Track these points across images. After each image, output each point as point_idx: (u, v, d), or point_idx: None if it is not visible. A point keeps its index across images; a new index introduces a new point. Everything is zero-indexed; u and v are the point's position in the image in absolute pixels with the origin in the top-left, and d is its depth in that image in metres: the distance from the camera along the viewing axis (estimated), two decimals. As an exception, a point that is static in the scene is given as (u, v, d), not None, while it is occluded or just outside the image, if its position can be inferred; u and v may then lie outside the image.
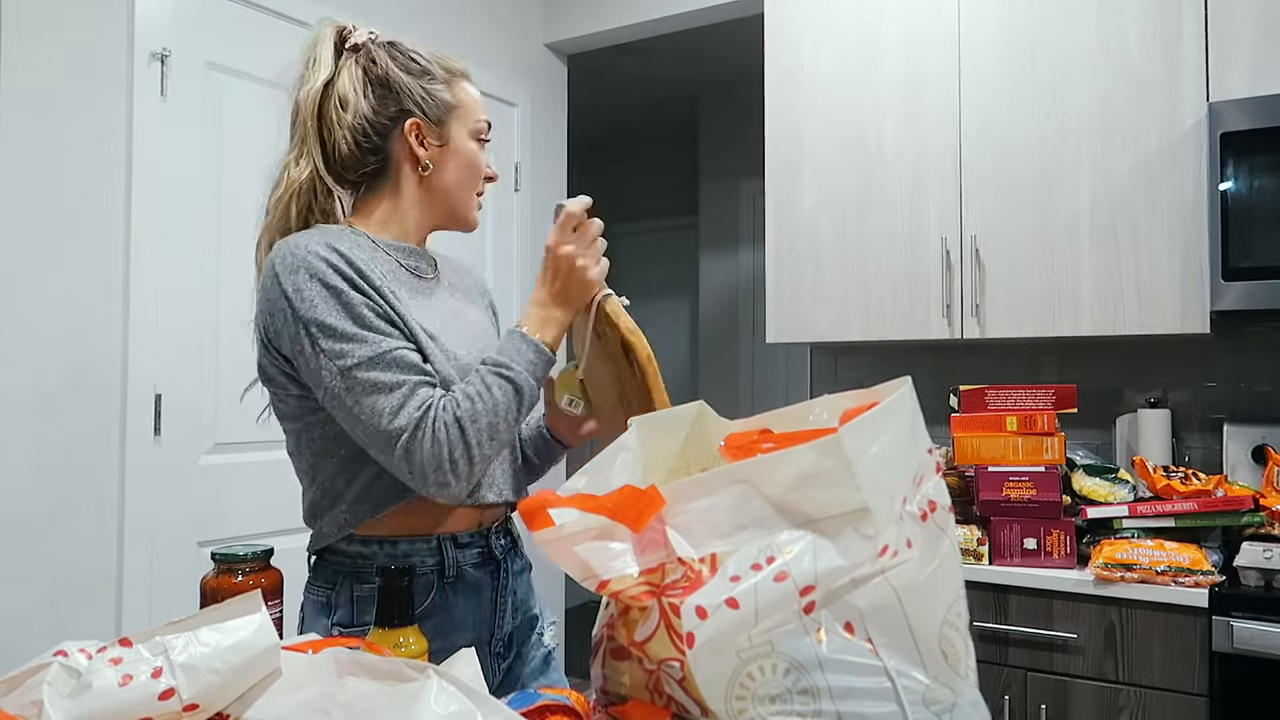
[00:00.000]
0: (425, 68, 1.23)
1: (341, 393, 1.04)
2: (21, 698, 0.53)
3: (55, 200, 1.88)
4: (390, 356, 1.05)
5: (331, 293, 1.05)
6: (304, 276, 1.05)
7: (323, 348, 1.04)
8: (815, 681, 0.50)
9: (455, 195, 1.22)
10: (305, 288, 1.05)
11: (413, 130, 1.19)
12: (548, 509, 0.52)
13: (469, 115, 1.23)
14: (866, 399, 0.59)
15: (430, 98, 1.21)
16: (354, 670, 0.54)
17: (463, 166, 1.22)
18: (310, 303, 1.05)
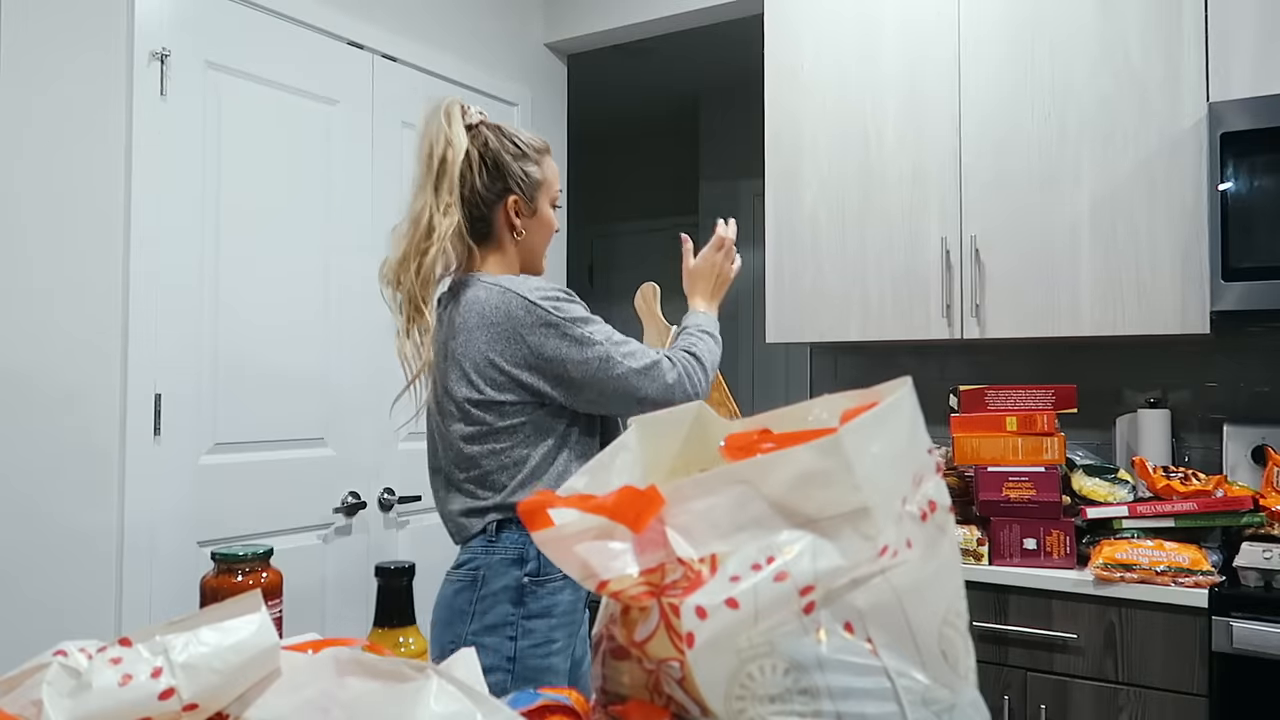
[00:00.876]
0: (524, 150, 1.52)
1: (614, 354, 1.42)
2: (21, 697, 0.53)
3: (55, 200, 1.88)
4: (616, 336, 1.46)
5: (575, 305, 1.44)
6: (551, 301, 1.42)
7: (589, 333, 1.41)
8: (815, 681, 0.50)
9: (537, 252, 1.56)
10: (556, 308, 1.41)
11: (513, 205, 1.51)
12: (547, 509, 0.52)
13: (551, 188, 1.56)
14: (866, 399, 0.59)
15: (527, 177, 1.52)
16: (354, 670, 0.54)
17: (544, 231, 1.56)
18: (569, 313, 1.42)
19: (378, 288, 1.49)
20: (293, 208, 2.32)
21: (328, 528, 2.38)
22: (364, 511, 2.47)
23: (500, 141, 1.50)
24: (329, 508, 2.38)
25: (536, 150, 1.54)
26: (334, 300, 2.41)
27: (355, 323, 2.46)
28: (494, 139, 1.50)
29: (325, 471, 2.38)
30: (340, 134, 2.44)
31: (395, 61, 2.61)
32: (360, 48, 2.51)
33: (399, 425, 2.42)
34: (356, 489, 2.45)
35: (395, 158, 2.60)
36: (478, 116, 1.51)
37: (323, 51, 2.41)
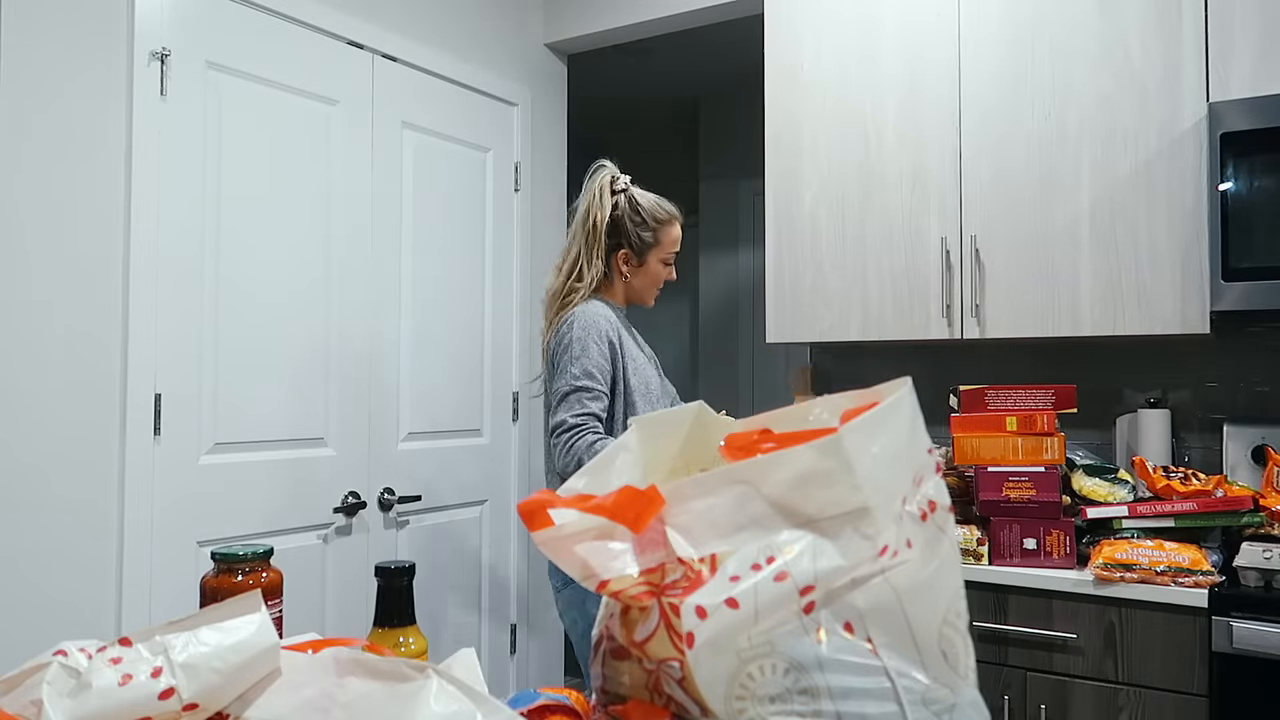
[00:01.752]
0: (644, 219, 2.03)
1: (568, 393, 1.91)
2: (21, 697, 0.53)
3: (55, 200, 1.88)
4: (595, 394, 1.91)
5: (595, 347, 1.93)
6: (592, 336, 1.93)
7: (571, 370, 1.91)
8: (815, 681, 0.50)
9: (641, 293, 2.10)
10: (585, 339, 1.93)
11: (622, 257, 2.05)
12: (547, 509, 0.52)
13: (662, 250, 2.06)
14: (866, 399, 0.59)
15: (639, 239, 2.03)
16: (354, 670, 0.54)
17: (648, 279, 2.08)
18: (571, 348, 1.92)
19: (377, 289, 1.78)
20: (293, 207, 2.32)
21: (328, 528, 2.38)
22: (364, 511, 2.47)
23: (628, 207, 2.02)
24: (329, 508, 2.38)
25: (657, 220, 2.04)
26: (334, 300, 2.41)
27: (356, 323, 2.46)
28: (625, 204, 2.02)
29: (325, 471, 2.38)
30: (340, 134, 2.44)
31: (395, 61, 2.61)
32: (360, 48, 2.51)
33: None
34: (356, 489, 2.45)
35: (395, 157, 2.60)
36: (623, 184, 2.04)
37: (323, 51, 2.41)
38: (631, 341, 2.03)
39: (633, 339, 2.05)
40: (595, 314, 1.94)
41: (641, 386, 1.98)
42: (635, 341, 2.05)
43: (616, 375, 1.95)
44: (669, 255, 2.06)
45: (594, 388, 1.89)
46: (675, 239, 2.06)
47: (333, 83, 2.43)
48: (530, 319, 3.06)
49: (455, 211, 2.79)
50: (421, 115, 2.68)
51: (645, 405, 1.98)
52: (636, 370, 1.98)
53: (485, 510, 2.87)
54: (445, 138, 2.77)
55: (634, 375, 1.97)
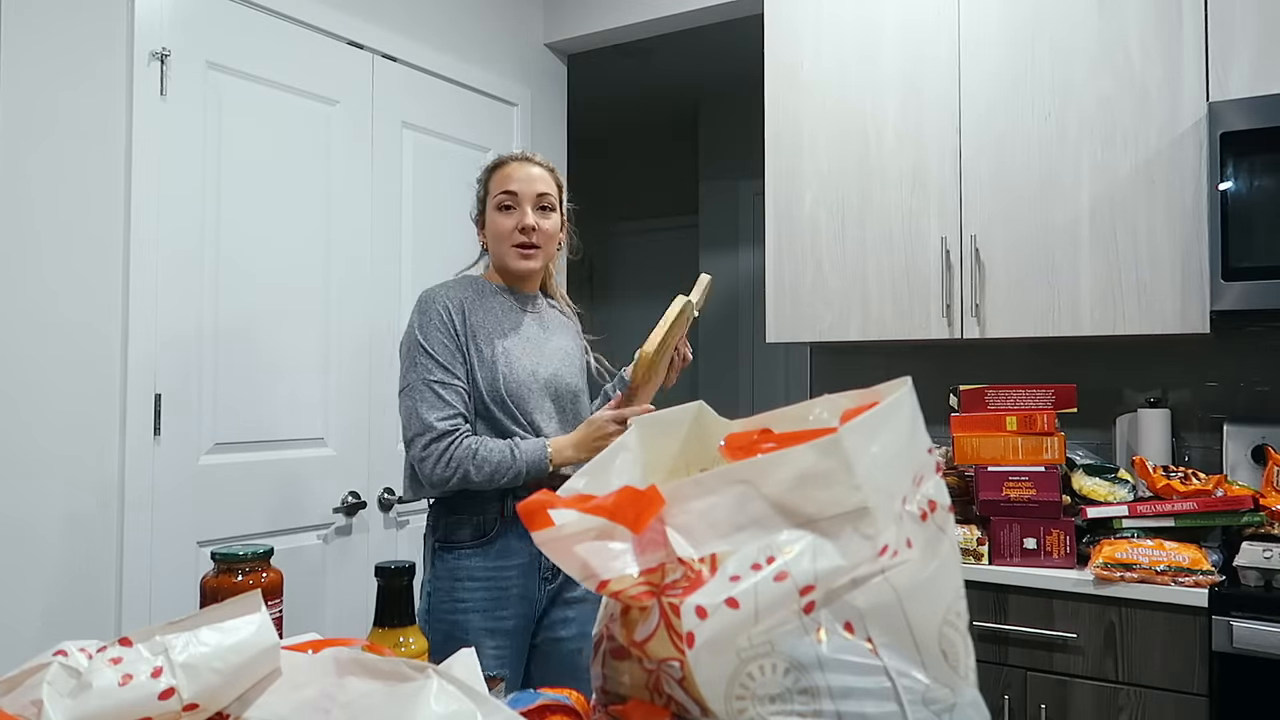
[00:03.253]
0: (478, 179, 1.82)
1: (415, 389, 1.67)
2: (21, 697, 0.53)
3: (55, 200, 1.88)
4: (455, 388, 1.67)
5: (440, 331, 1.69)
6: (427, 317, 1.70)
7: (420, 361, 1.68)
8: (815, 681, 0.50)
9: (494, 254, 1.80)
10: (424, 323, 1.69)
11: (477, 226, 1.84)
12: (547, 509, 0.52)
13: (492, 198, 1.77)
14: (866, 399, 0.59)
15: (477, 201, 1.83)
16: (354, 670, 0.54)
17: (492, 238, 1.78)
18: (425, 331, 1.68)
19: (377, 289, 1.80)
20: (293, 207, 2.32)
21: (328, 528, 2.38)
22: (364, 511, 2.47)
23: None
24: (329, 508, 2.38)
25: (485, 170, 1.81)
26: (334, 301, 2.41)
27: (355, 323, 2.46)
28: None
29: (325, 471, 2.38)
30: (340, 134, 2.44)
31: (395, 61, 2.61)
32: (360, 48, 2.51)
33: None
34: (356, 489, 2.45)
35: (395, 157, 2.60)
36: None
37: (323, 51, 2.41)
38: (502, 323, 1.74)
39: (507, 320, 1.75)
40: (432, 293, 1.72)
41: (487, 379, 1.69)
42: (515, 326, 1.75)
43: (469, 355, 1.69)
44: (500, 200, 1.75)
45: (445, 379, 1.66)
46: (506, 178, 1.76)
47: (333, 83, 2.43)
48: (530, 319, 3.05)
49: (455, 211, 2.79)
50: (421, 115, 2.67)
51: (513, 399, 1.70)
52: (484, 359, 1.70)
53: (485, 510, 2.87)
54: (445, 138, 2.77)
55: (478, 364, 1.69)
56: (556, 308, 1.91)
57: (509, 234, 1.74)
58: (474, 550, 1.68)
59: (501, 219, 1.75)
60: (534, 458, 1.65)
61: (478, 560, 1.67)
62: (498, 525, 1.68)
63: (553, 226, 1.78)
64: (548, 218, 1.77)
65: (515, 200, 1.74)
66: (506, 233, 1.74)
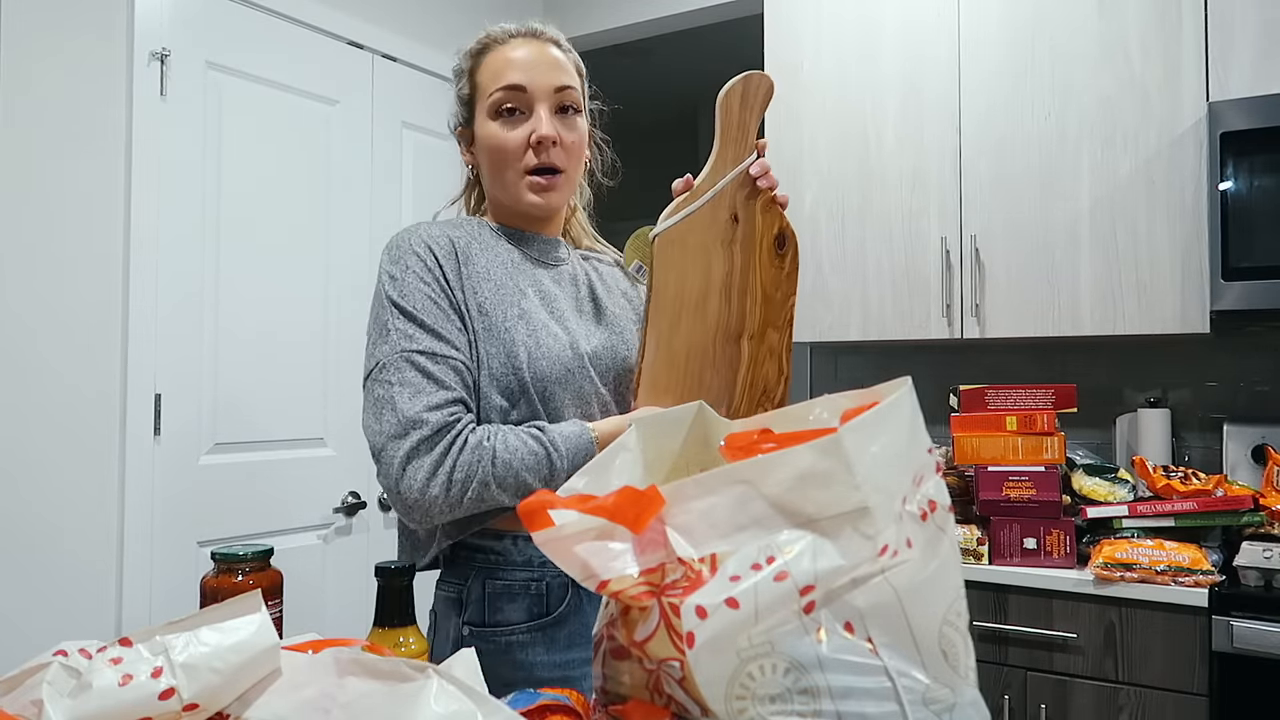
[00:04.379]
0: (455, 70, 1.21)
1: (390, 367, 1.04)
2: (21, 697, 0.53)
3: (55, 199, 1.88)
4: (451, 361, 1.05)
5: (424, 282, 1.07)
6: (402, 265, 1.09)
7: (396, 326, 1.05)
8: (815, 681, 0.50)
9: (495, 184, 1.18)
10: (399, 274, 1.08)
11: (459, 139, 1.24)
12: (547, 510, 0.52)
13: (484, 95, 1.15)
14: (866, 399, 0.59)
15: (458, 103, 1.21)
16: (354, 670, 0.54)
17: (487, 155, 1.16)
18: (400, 286, 1.07)
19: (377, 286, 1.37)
20: (293, 207, 2.32)
21: (328, 528, 2.38)
22: (364, 511, 2.47)
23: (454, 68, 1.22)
24: (329, 508, 2.38)
25: (468, 56, 1.18)
26: (334, 300, 2.41)
27: (355, 322, 2.46)
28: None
29: (325, 471, 2.38)
30: (340, 134, 2.44)
31: (395, 61, 2.61)
32: (360, 48, 2.51)
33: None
34: (356, 489, 2.45)
35: (395, 157, 2.60)
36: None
37: (323, 51, 2.41)
38: (514, 274, 1.13)
39: (521, 271, 1.14)
40: (409, 232, 1.12)
41: (501, 351, 1.07)
42: (532, 279, 1.14)
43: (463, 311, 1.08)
44: (498, 99, 1.13)
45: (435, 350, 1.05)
46: (506, 64, 1.14)
47: (333, 83, 2.43)
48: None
49: (455, 211, 2.79)
50: (421, 115, 2.67)
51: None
52: (499, 330, 1.08)
53: (485, 510, 2.87)
54: (445, 138, 2.76)
55: (493, 337, 1.08)
56: (593, 257, 1.28)
57: (517, 152, 1.14)
58: (530, 635, 1.06)
59: (502, 130, 1.14)
60: (576, 448, 1.04)
61: (539, 653, 1.06)
62: (568, 595, 1.07)
63: (579, 138, 1.18)
64: (572, 126, 1.16)
65: (523, 99, 1.13)
66: (513, 150, 1.14)
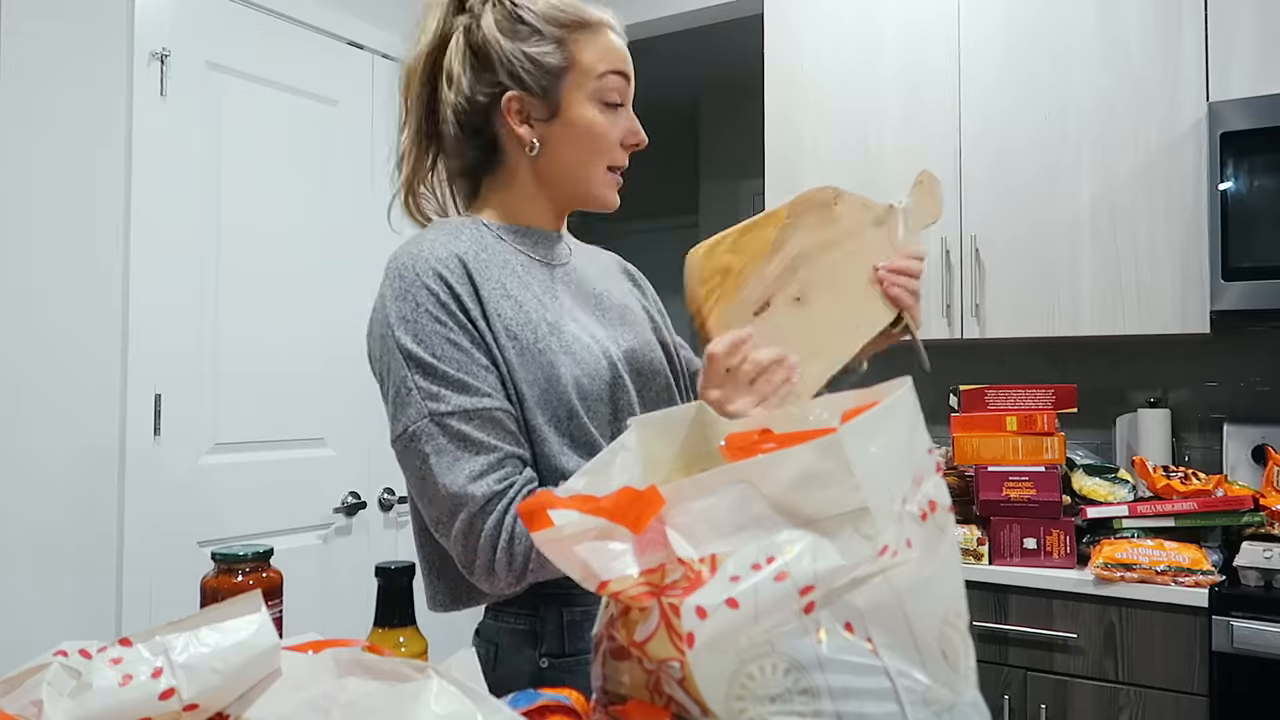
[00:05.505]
0: (530, 25, 0.99)
1: (422, 437, 0.91)
2: (21, 698, 0.53)
3: (55, 200, 1.87)
4: (488, 414, 0.91)
5: (439, 322, 0.92)
6: (412, 302, 0.92)
7: (418, 384, 0.91)
8: (815, 681, 0.50)
9: (575, 174, 1.04)
10: (410, 314, 0.92)
11: (512, 107, 1.01)
12: (547, 510, 0.52)
13: (588, 75, 1.01)
14: (866, 399, 0.59)
15: (533, 64, 0.99)
16: (354, 670, 0.54)
17: (580, 141, 1.02)
18: (414, 330, 0.92)
19: (376, 288, 1.13)
20: (292, 207, 2.32)
21: (328, 528, 2.38)
22: (364, 511, 2.47)
23: (496, 16, 1.00)
24: (329, 508, 2.38)
25: (558, 23, 1.00)
26: (334, 300, 2.41)
27: (355, 323, 2.46)
28: (489, 16, 1.00)
29: (325, 471, 2.38)
30: (340, 134, 2.44)
31: (395, 61, 2.61)
32: (360, 48, 2.51)
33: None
34: (356, 489, 2.45)
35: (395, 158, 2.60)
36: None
37: (323, 51, 2.41)
38: (528, 284, 1.01)
39: (534, 280, 1.02)
40: (414, 255, 0.96)
41: (541, 379, 0.95)
42: (546, 286, 1.03)
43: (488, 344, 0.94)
44: (605, 87, 1.02)
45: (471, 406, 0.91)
46: (609, 57, 1.02)
47: (333, 83, 2.43)
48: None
49: (455, 211, 2.79)
50: (421, 115, 2.67)
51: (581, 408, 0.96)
52: (533, 353, 0.95)
53: (485, 510, 2.87)
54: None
55: (530, 360, 0.95)
56: (582, 246, 1.19)
57: (614, 146, 1.04)
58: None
59: (603, 118, 1.02)
60: None
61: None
62: None
63: None
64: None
65: (625, 93, 1.05)
66: (612, 143, 1.04)
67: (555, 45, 1.00)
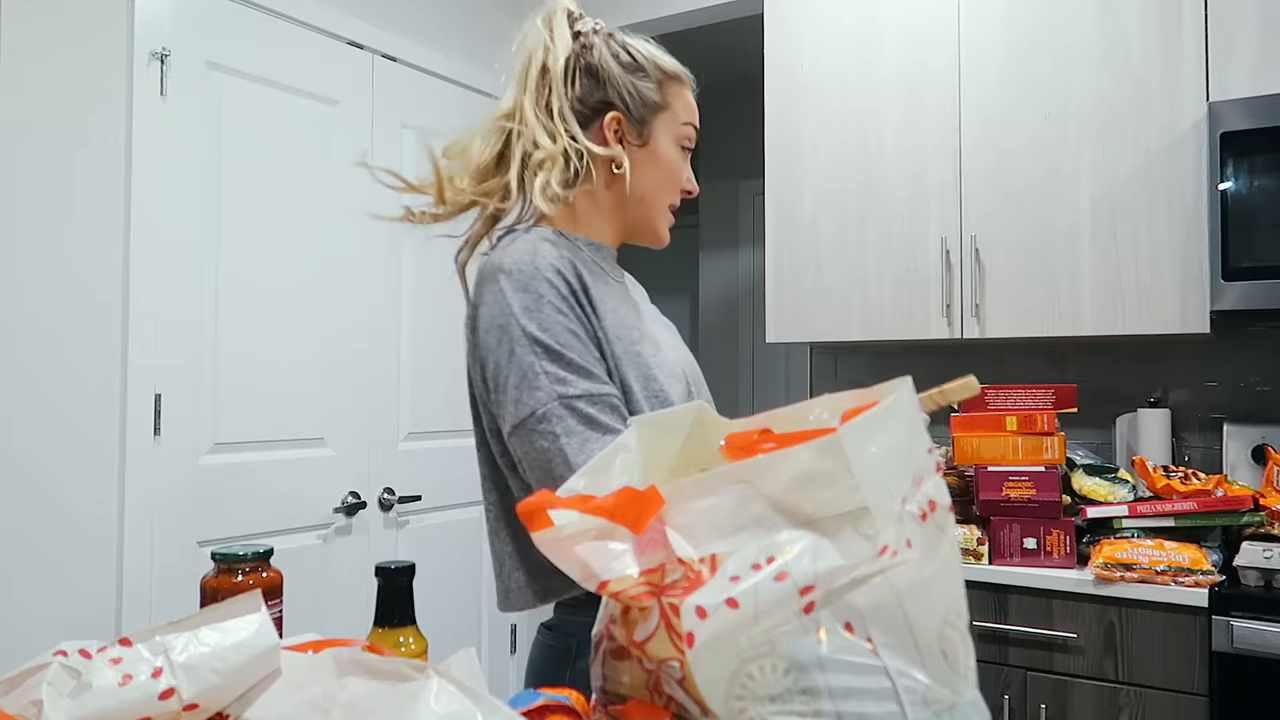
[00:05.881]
0: (639, 63, 1.16)
1: (552, 418, 0.96)
2: (21, 698, 0.53)
3: (55, 199, 1.87)
4: (609, 400, 1.00)
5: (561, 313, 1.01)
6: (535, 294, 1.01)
7: (545, 369, 0.99)
8: (815, 681, 0.50)
9: (647, 201, 1.16)
10: (533, 305, 1.01)
11: (612, 124, 1.13)
12: (547, 510, 0.52)
13: (676, 119, 1.18)
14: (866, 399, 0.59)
15: (637, 93, 1.14)
16: (354, 670, 0.54)
17: (660, 171, 1.16)
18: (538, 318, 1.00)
19: (377, 288, 1.25)
20: (292, 208, 2.32)
21: (328, 528, 2.38)
22: (364, 511, 2.47)
23: (608, 45, 1.16)
24: (329, 508, 2.38)
25: (662, 70, 1.17)
26: (334, 300, 2.41)
27: (355, 323, 2.46)
28: (600, 43, 1.16)
29: (325, 471, 2.38)
30: (340, 134, 2.44)
31: (395, 61, 2.61)
32: (360, 48, 2.51)
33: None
34: (356, 489, 2.45)
35: (395, 158, 2.60)
36: (590, 24, 1.18)
37: (323, 51, 2.41)
38: (613, 293, 1.12)
39: (615, 290, 1.14)
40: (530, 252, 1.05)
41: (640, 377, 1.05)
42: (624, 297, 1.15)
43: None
44: (686, 134, 1.20)
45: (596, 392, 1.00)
46: (692, 111, 1.23)
47: (333, 83, 2.43)
48: (530, 319, 3.05)
49: (455, 211, 2.79)
50: (421, 115, 2.67)
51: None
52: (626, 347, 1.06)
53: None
54: (445, 138, 2.76)
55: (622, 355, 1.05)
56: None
57: (679, 186, 1.19)
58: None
59: (679, 159, 1.19)
60: None
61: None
62: None
63: None
64: None
65: (692, 145, 1.22)
66: (678, 181, 1.19)
67: (656, 86, 1.16)
